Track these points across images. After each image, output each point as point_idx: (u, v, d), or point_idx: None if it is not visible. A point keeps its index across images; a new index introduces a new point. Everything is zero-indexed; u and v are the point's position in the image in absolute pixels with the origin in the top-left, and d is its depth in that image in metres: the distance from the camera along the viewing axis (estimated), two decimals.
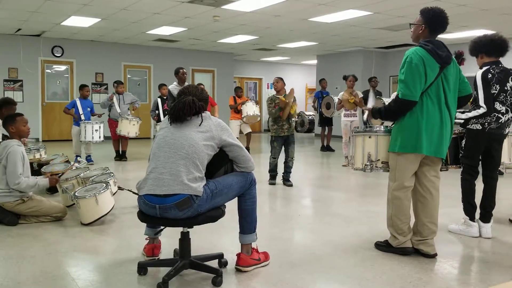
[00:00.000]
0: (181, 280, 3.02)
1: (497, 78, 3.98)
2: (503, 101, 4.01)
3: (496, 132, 4.00)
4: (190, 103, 2.91)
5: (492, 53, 4.06)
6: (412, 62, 3.28)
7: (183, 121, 2.92)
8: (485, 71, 4.01)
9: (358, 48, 14.40)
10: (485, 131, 3.98)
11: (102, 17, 10.06)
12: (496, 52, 4.05)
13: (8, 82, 12.79)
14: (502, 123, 4.01)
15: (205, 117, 2.97)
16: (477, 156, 4.10)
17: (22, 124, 4.50)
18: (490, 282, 3.06)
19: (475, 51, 4.14)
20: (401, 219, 3.47)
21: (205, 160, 2.90)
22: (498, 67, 4.03)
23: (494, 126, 3.98)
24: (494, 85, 3.97)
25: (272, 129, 6.54)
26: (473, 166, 4.09)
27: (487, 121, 3.98)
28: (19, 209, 4.33)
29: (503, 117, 4.01)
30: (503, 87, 3.99)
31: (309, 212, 5.32)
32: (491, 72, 3.99)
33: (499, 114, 3.99)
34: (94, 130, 8.27)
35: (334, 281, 3.07)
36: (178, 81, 8.23)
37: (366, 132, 3.82)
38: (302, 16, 9.59)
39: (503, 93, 4.00)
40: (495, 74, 3.98)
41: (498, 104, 4.00)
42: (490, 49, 4.05)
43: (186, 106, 2.90)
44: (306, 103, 19.75)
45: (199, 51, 15.39)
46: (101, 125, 8.40)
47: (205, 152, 2.87)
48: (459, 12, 8.66)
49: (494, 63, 4.04)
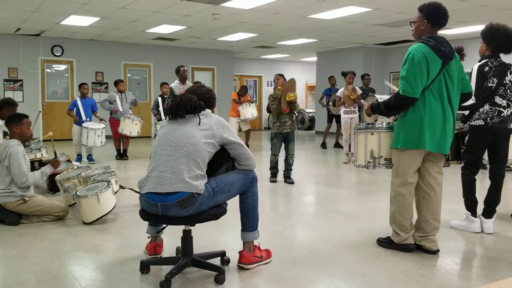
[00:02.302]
0: (184, 278, 3.02)
1: (495, 71, 3.96)
2: (503, 95, 3.99)
3: (499, 127, 3.97)
4: (187, 101, 2.92)
5: (501, 51, 4.02)
6: (414, 58, 3.27)
7: (181, 118, 2.93)
8: (482, 65, 4.00)
9: (358, 45, 14.38)
10: (487, 126, 3.96)
11: (102, 16, 10.05)
12: (505, 51, 4.02)
13: (8, 82, 12.79)
14: (505, 117, 3.99)
15: (205, 115, 2.97)
16: (479, 152, 4.08)
17: (26, 127, 4.51)
18: (493, 278, 3.07)
19: (489, 41, 4.04)
20: (404, 215, 3.47)
21: (206, 158, 2.90)
22: (496, 61, 4.01)
23: (496, 121, 3.97)
24: (491, 78, 3.95)
25: (274, 126, 6.54)
26: (475, 162, 4.08)
27: (489, 116, 3.96)
28: (20, 209, 4.33)
29: (505, 110, 3.99)
30: (502, 80, 3.97)
31: (311, 209, 5.32)
32: (488, 65, 3.98)
33: (500, 108, 3.97)
34: (97, 135, 8.23)
35: (336, 278, 3.07)
36: (179, 79, 8.24)
37: (368, 129, 3.82)
38: (301, 13, 9.57)
39: (502, 87, 3.98)
40: (492, 67, 3.97)
41: (498, 98, 3.98)
42: (504, 48, 4.00)
43: (182, 103, 2.92)
44: (307, 100, 19.74)
45: (198, 49, 15.38)
46: (104, 130, 8.36)
47: (206, 150, 2.87)
48: (459, 7, 8.64)
49: (493, 57, 4.03)
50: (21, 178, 4.26)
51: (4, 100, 5.78)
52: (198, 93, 3.06)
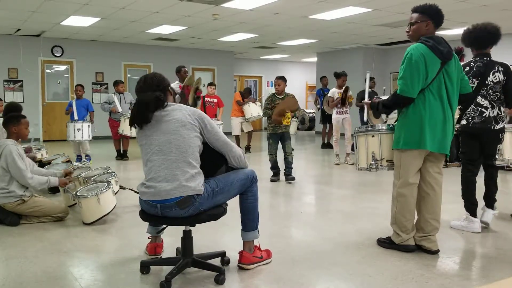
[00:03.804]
0: (184, 279, 3.02)
1: (476, 72, 3.95)
2: (484, 95, 3.98)
3: (480, 127, 3.98)
4: (143, 104, 2.81)
5: (482, 45, 4.01)
6: (412, 59, 3.27)
7: (148, 123, 2.84)
8: (464, 65, 3.98)
9: (358, 45, 14.38)
10: (469, 126, 4.00)
11: (102, 17, 10.05)
12: (483, 45, 4.01)
13: (8, 82, 12.79)
14: (487, 117, 3.97)
15: (175, 109, 2.88)
16: (470, 151, 4.08)
17: (25, 127, 4.51)
18: (493, 278, 3.07)
19: (467, 43, 4.10)
20: (406, 216, 3.47)
21: (196, 152, 2.86)
22: (481, 60, 3.99)
23: (477, 121, 3.98)
24: (470, 79, 3.92)
25: (269, 126, 6.60)
26: (470, 161, 4.08)
27: (471, 116, 4.00)
28: (20, 209, 4.33)
29: (487, 111, 3.97)
30: (484, 81, 3.95)
31: (311, 209, 5.32)
32: (470, 65, 3.99)
33: (482, 108, 3.97)
34: (76, 129, 8.28)
35: (336, 278, 3.07)
36: (180, 79, 8.25)
37: (369, 131, 3.81)
38: (301, 13, 9.57)
39: (484, 87, 3.96)
40: (473, 67, 3.96)
41: (480, 98, 3.98)
42: (481, 41, 3.99)
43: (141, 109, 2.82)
44: (307, 101, 19.74)
45: (199, 50, 15.38)
46: (85, 124, 8.37)
47: (192, 146, 2.83)
48: (458, 8, 8.63)
49: (479, 55, 4.02)
50: (23, 178, 4.25)
51: (12, 106, 5.81)
52: (150, 86, 2.89)
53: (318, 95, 11.69)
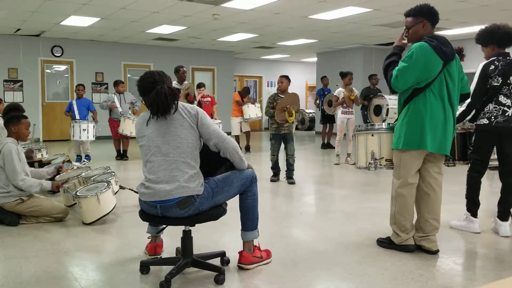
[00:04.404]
0: (184, 279, 3.02)
1: (500, 70, 3.90)
2: (506, 94, 3.94)
3: (504, 126, 3.91)
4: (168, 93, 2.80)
5: (503, 44, 3.97)
6: (413, 56, 3.27)
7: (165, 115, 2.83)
8: (487, 63, 3.95)
9: (358, 45, 14.38)
10: (492, 125, 3.92)
11: (102, 17, 10.05)
12: (507, 44, 3.97)
13: (8, 82, 12.79)
14: (509, 116, 3.92)
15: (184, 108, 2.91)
16: (484, 152, 4.00)
17: (25, 127, 4.51)
18: (493, 278, 3.07)
19: (488, 41, 4.02)
20: (405, 216, 3.47)
21: (195, 151, 2.86)
22: (504, 59, 3.94)
23: (501, 120, 3.91)
24: (495, 77, 3.90)
25: (272, 127, 6.56)
26: (481, 161, 4.00)
27: (493, 115, 3.92)
28: (19, 209, 4.33)
29: (509, 110, 3.93)
30: (506, 80, 3.91)
31: (311, 209, 5.32)
32: (494, 64, 3.93)
33: (504, 107, 3.92)
34: (82, 129, 8.28)
35: (336, 278, 3.06)
36: (178, 79, 8.24)
37: (369, 130, 3.81)
38: (301, 13, 9.57)
39: (506, 86, 3.93)
40: (498, 66, 3.91)
41: (502, 97, 3.93)
42: (505, 41, 3.95)
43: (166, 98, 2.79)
44: (307, 101, 19.74)
45: (199, 50, 15.38)
46: (90, 124, 8.39)
47: (191, 146, 2.83)
48: (458, 8, 8.63)
49: (501, 55, 3.97)
50: (15, 177, 4.25)
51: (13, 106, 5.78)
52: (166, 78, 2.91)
53: (318, 95, 11.69)
